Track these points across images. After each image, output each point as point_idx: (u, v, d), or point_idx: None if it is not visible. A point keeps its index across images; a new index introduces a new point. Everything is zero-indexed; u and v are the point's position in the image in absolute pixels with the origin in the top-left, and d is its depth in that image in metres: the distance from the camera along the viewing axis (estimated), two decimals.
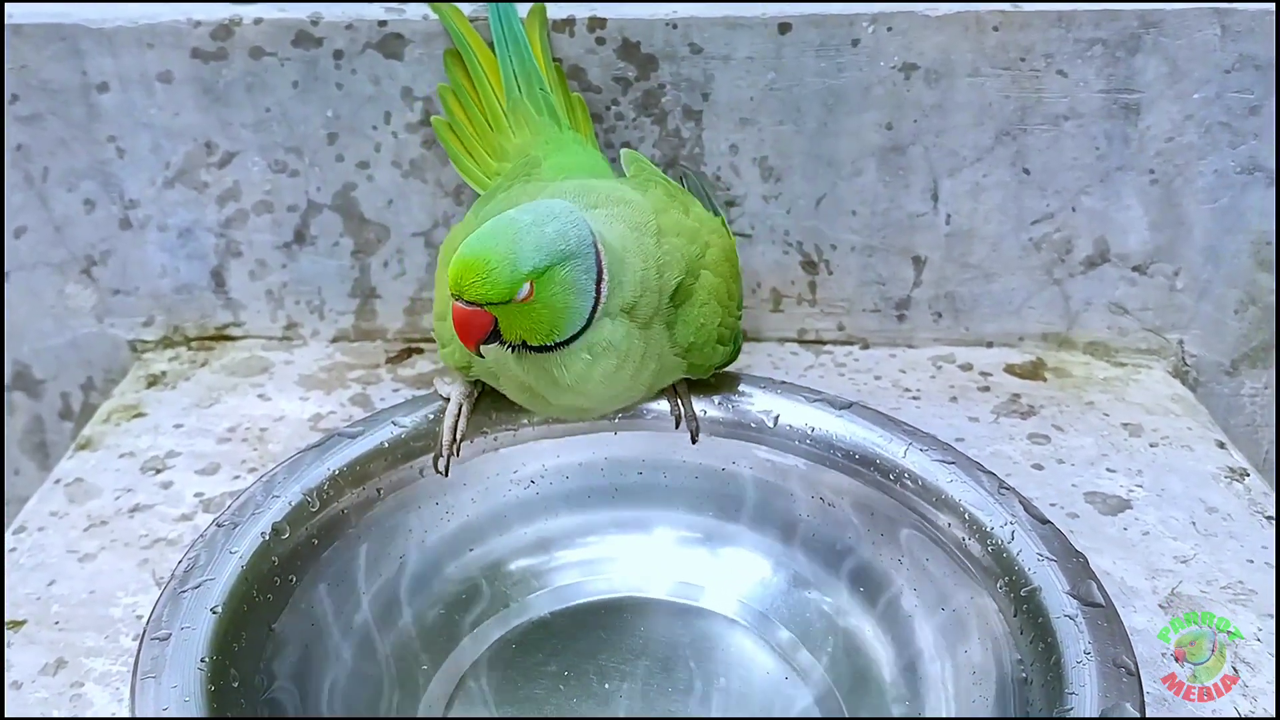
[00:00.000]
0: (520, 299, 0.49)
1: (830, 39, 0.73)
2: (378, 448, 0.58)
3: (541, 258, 0.48)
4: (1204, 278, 0.79)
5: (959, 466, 0.56)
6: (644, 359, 0.55)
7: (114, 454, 0.72)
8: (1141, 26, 0.72)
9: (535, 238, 0.49)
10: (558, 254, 0.49)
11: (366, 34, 0.73)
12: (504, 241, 0.48)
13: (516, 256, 0.48)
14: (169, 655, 0.46)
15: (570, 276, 0.50)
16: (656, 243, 0.55)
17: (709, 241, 0.59)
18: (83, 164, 0.77)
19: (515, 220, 0.50)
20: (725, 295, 0.58)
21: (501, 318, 0.49)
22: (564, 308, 0.50)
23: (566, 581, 0.62)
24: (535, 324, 0.50)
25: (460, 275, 0.48)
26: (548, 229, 0.49)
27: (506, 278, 0.48)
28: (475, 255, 0.48)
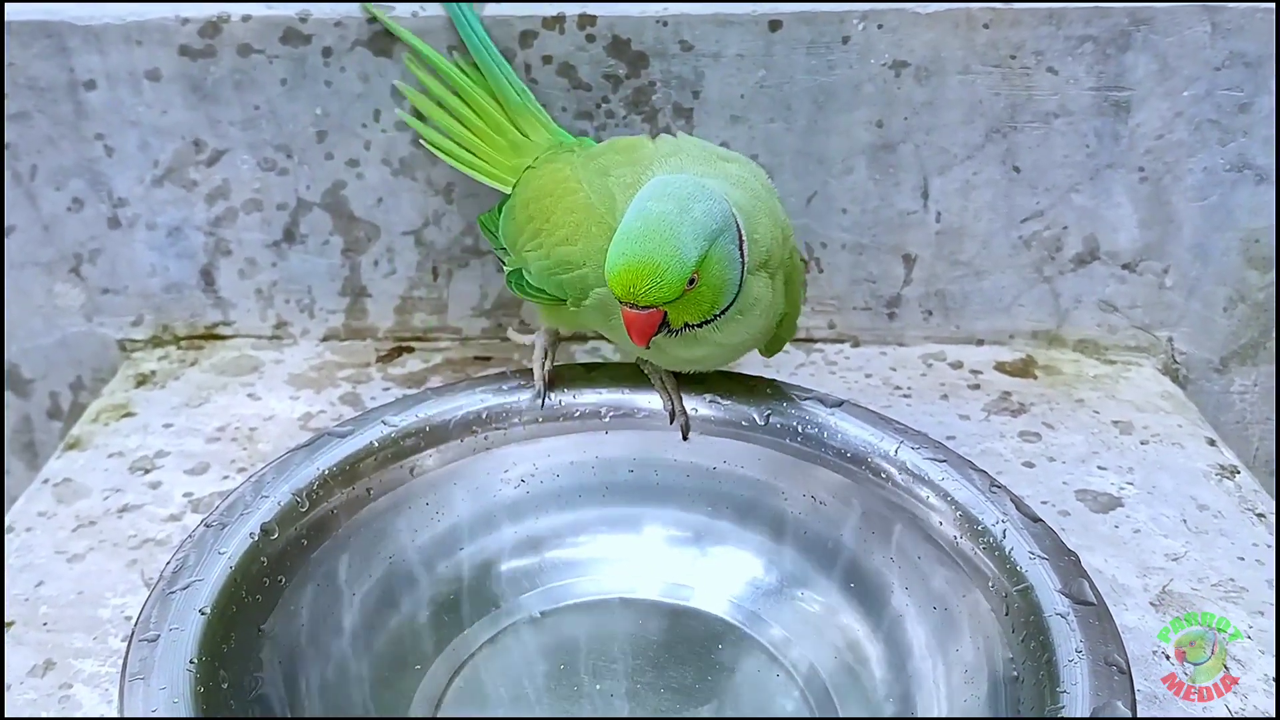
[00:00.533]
0: (689, 289, 0.49)
1: (821, 36, 0.73)
2: (368, 447, 0.58)
3: (701, 245, 0.49)
4: (1193, 275, 0.79)
5: (950, 465, 0.56)
6: (773, 306, 0.56)
7: (103, 454, 0.72)
8: (1132, 24, 0.72)
9: (690, 226, 0.49)
10: (711, 235, 0.50)
11: (356, 31, 0.73)
12: (665, 240, 0.49)
13: (681, 252, 0.49)
14: (158, 657, 0.46)
15: (724, 252, 0.50)
16: (772, 210, 0.56)
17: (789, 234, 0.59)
18: (70, 162, 0.77)
19: (664, 213, 0.49)
20: (803, 272, 0.61)
21: (671, 311, 0.50)
22: (723, 283, 0.51)
23: (557, 581, 0.61)
24: (700, 304, 0.51)
25: (633, 283, 0.49)
26: (695, 212, 0.50)
27: (678, 276, 0.49)
28: (642, 261, 0.49)
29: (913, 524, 0.55)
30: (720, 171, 0.57)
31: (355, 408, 0.75)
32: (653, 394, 0.61)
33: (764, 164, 0.76)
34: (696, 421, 0.61)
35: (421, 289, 0.81)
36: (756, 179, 0.58)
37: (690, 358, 0.57)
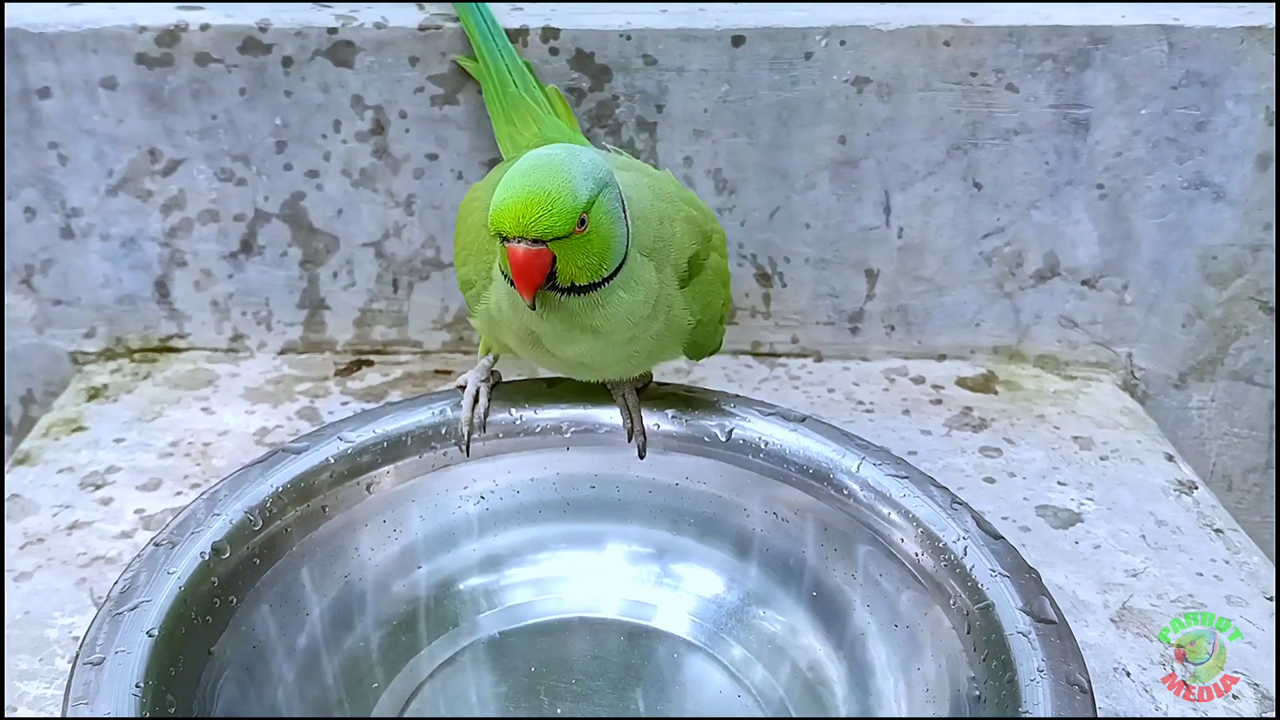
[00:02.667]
0: (579, 230, 0.48)
1: (783, 52, 0.73)
2: (323, 463, 0.57)
3: (592, 185, 0.48)
4: (1152, 292, 0.79)
5: (912, 481, 0.56)
6: (660, 305, 0.54)
7: (52, 469, 0.70)
8: (1091, 43, 0.72)
9: (579, 168, 0.48)
10: (600, 181, 0.49)
11: (316, 41, 0.72)
12: (555, 174, 0.48)
13: (573, 185, 0.48)
14: (103, 681, 0.45)
15: (611, 204, 0.50)
16: (674, 208, 0.56)
17: (713, 228, 0.60)
18: (23, 171, 0.75)
19: (552, 156, 0.49)
20: (727, 278, 0.60)
21: (560, 255, 0.48)
22: (611, 236, 0.50)
23: (517, 600, 0.61)
24: (589, 257, 0.49)
25: (522, 213, 0.47)
26: (583, 159, 0.49)
27: (570, 205, 0.47)
28: (532, 190, 0.47)
29: (874, 541, 0.55)
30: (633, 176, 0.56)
31: (313, 422, 0.74)
32: (614, 409, 0.61)
33: (727, 179, 0.76)
34: (658, 437, 0.61)
35: (381, 301, 0.81)
36: (668, 184, 0.59)
37: (576, 353, 0.54)
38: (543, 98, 0.69)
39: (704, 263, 0.57)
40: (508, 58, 0.69)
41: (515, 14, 0.73)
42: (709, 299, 0.57)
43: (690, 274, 0.56)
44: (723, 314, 0.60)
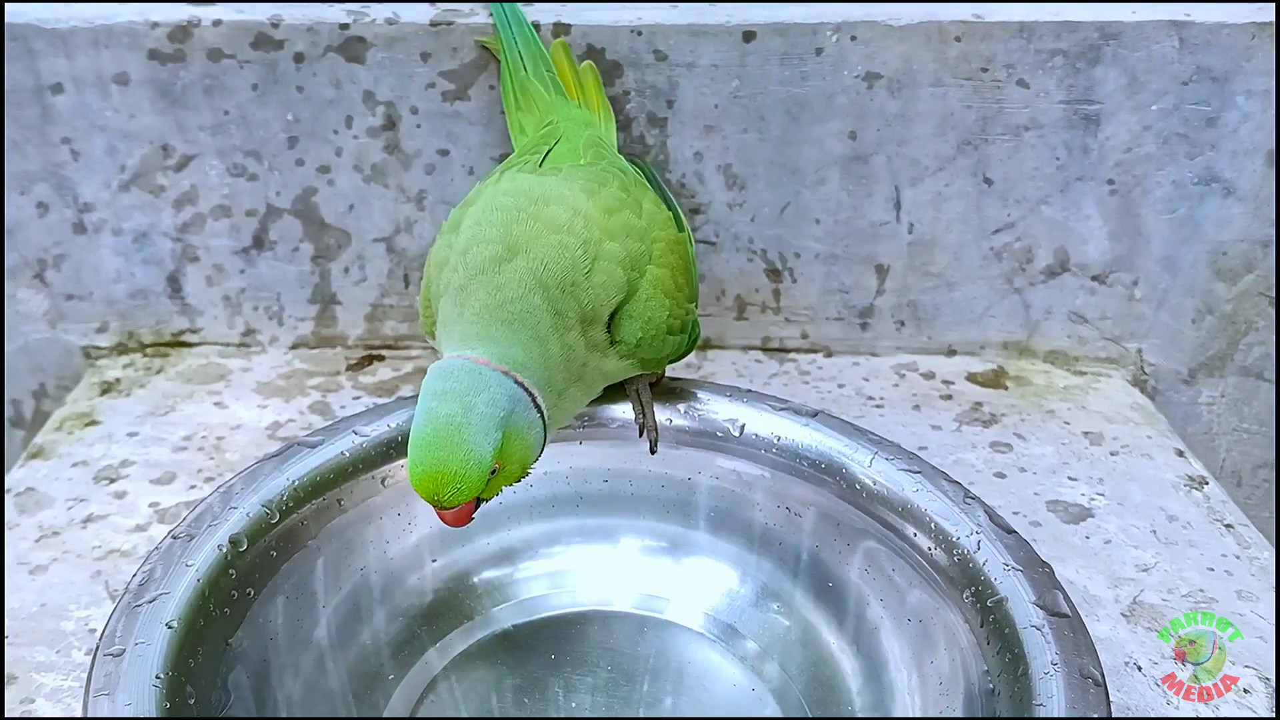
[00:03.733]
0: (493, 477, 0.49)
1: (794, 47, 0.73)
2: (338, 457, 0.57)
3: (494, 438, 0.48)
4: (1162, 287, 0.79)
5: (924, 476, 0.56)
6: (590, 390, 0.57)
7: (66, 463, 0.71)
8: (1101, 38, 0.72)
9: (477, 422, 0.48)
10: (501, 422, 0.49)
11: (328, 37, 0.72)
12: (454, 445, 0.48)
13: (475, 453, 0.48)
14: (123, 672, 0.45)
15: (520, 425, 0.50)
16: (587, 278, 0.54)
17: (656, 237, 0.59)
18: (36, 166, 0.75)
19: (450, 416, 0.48)
20: (672, 286, 0.58)
21: (484, 493, 0.50)
22: (527, 452, 0.51)
23: (530, 593, 0.61)
24: (510, 478, 0.51)
25: (435, 491, 0.48)
26: (479, 406, 0.48)
27: (477, 477, 0.48)
28: (438, 470, 0.48)
29: (887, 536, 0.55)
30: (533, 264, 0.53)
31: (325, 417, 0.74)
32: (626, 404, 0.61)
33: (737, 174, 0.76)
34: (670, 432, 0.61)
35: (392, 296, 0.81)
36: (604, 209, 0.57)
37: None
38: (552, 81, 0.70)
39: (637, 282, 0.56)
40: (521, 41, 0.70)
41: (527, 9, 0.73)
42: (649, 315, 0.56)
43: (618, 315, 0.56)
44: (672, 323, 0.58)
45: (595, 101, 0.71)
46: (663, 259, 0.58)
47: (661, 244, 0.59)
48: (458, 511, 0.50)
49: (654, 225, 0.59)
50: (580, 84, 0.71)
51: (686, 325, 0.59)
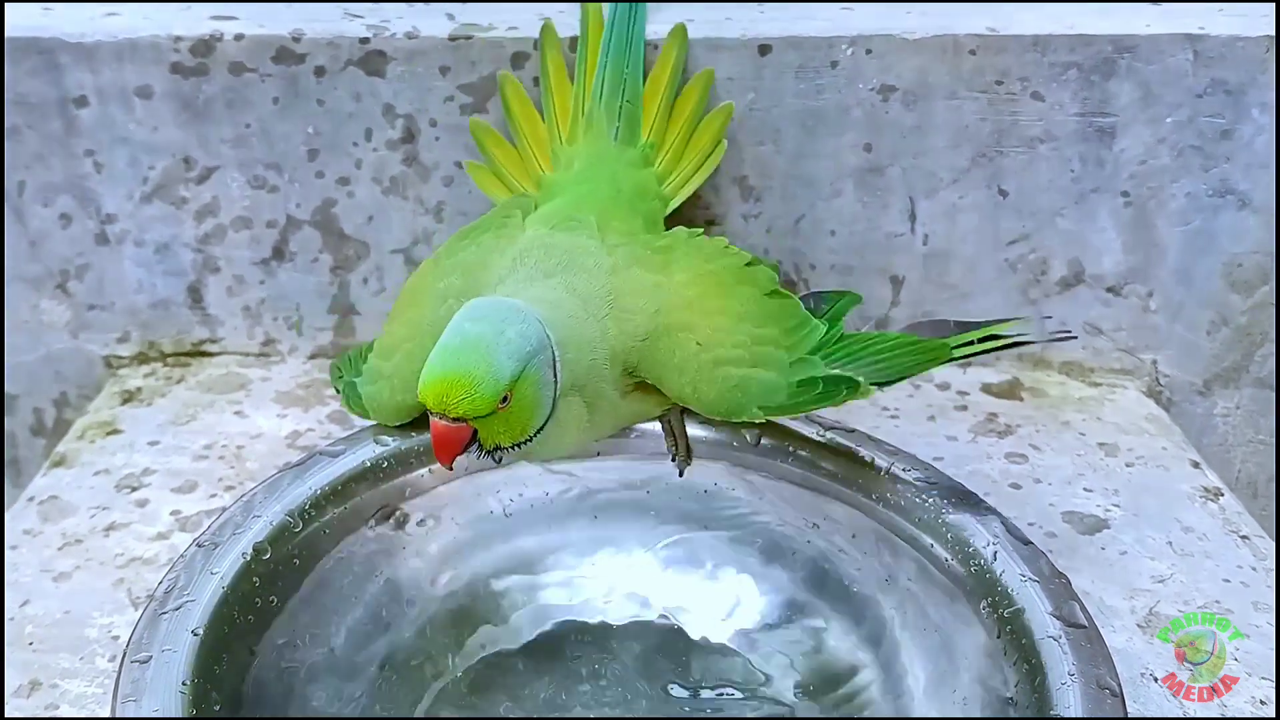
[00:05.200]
0: (501, 408, 0.49)
1: (809, 61, 0.73)
2: (359, 466, 0.58)
3: (516, 364, 0.48)
4: (1177, 299, 0.80)
5: (940, 487, 0.56)
6: (593, 425, 0.55)
7: (88, 471, 0.71)
8: (1115, 51, 0.73)
9: (505, 345, 0.48)
10: (526, 355, 0.49)
11: (348, 51, 0.73)
12: (479, 354, 0.48)
13: (496, 367, 0.48)
14: (149, 678, 0.46)
15: (539, 374, 0.50)
16: (609, 313, 0.54)
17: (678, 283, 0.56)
18: (59, 178, 0.76)
19: (479, 332, 0.49)
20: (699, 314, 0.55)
21: (482, 429, 0.49)
22: (536, 405, 0.50)
23: (549, 603, 0.61)
24: (511, 427, 0.50)
25: (444, 394, 0.48)
26: (510, 333, 0.49)
27: (491, 390, 0.48)
28: (455, 372, 0.48)
29: (904, 546, 0.55)
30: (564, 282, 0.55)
31: (343, 426, 0.75)
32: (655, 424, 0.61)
33: (753, 186, 0.77)
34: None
35: None
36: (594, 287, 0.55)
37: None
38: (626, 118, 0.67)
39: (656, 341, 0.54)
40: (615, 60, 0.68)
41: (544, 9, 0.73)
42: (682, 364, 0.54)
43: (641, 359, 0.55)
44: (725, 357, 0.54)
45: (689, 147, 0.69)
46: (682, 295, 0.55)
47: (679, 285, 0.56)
48: (455, 430, 0.48)
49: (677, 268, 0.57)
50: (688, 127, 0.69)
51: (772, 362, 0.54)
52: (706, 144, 0.71)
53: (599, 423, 0.56)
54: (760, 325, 0.55)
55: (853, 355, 0.57)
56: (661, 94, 0.70)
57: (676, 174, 0.69)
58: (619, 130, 0.67)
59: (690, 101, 0.71)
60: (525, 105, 0.71)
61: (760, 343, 0.55)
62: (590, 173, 0.66)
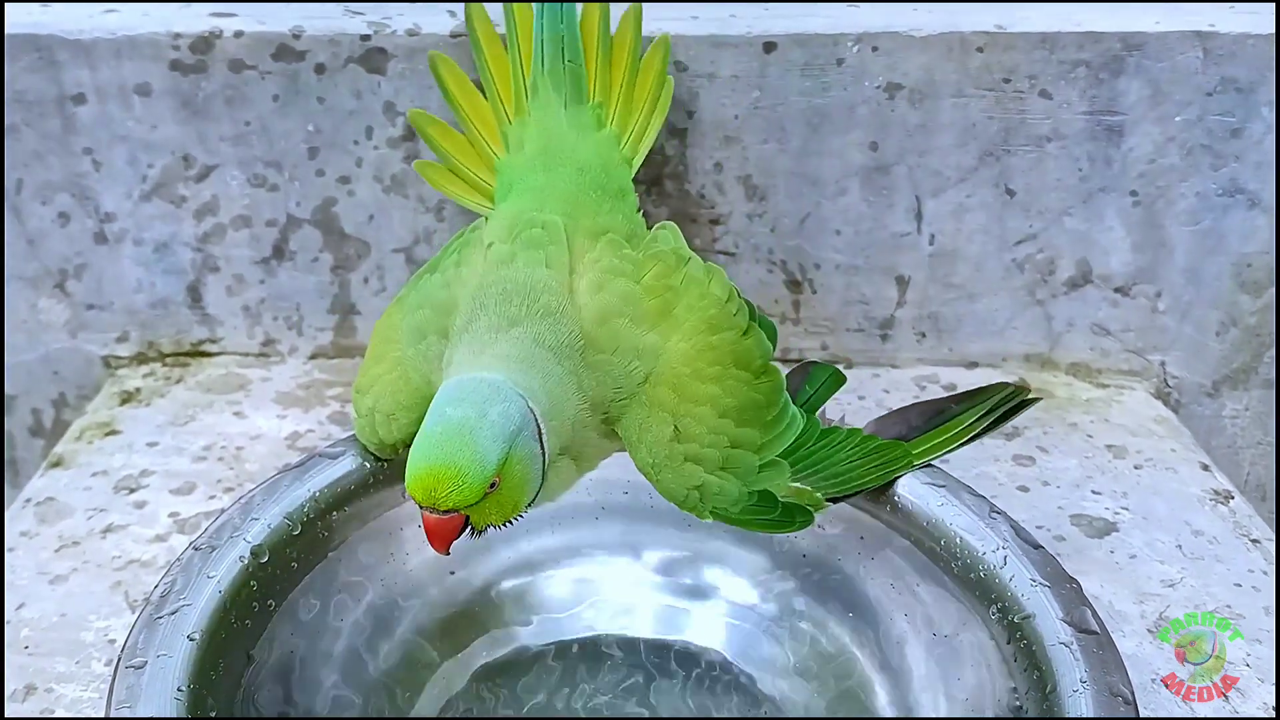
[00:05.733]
0: (490, 493, 0.48)
1: (815, 59, 0.73)
2: (359, 468, 0.57)
3: (502, 448, 0.47)
4: (1185, 299, 0.79)
5: (948, 490, 0.55)
6: (584, 469, 0.54)
7: (86, 472, 0.71)
8: (1124, 49, 0.72)
9: (489, 429, 0.47)
10: (510, 435, 0.48)
11: (349, 48, 0.72)
12: (463, 444, 0.47)
13: (481, 455, 0.47)
14: (144, 684, 0.45)
15: (525, 451, 0.48)
16: (582, 363, 0.52)
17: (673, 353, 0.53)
18: (58, 177, 0.76)
19: (463, 418, 0.48)
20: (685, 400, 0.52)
21: (473, 515, 0.48)
22: (525, 482, 0.49)
23: (551, 606, 0.61)
24: (502, 507, 0.49)
25: (433, 488, 0.47)
26: (492, 414, 0.48)
27: (479, 480, 0.47)
28: (441, 465, 0.47)
29: (912, 550, 0.55)
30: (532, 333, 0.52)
31: (344, 427, 0.74)
32: None
33: (757, 185, 0.76)
34: None
35: None
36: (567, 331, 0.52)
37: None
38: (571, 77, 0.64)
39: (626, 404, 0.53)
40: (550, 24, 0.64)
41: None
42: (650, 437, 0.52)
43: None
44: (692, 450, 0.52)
45: (641, 95, 0.66)
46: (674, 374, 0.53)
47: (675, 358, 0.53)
48: (447, 521, 0.48)
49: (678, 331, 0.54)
50: (631, 76, 0.66)
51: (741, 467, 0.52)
52: (653, 86, 0.67)
53: (586, 468, 0.55)
54: (740, 424, 0.53)
55: (816, 464, 0.55)
56: (597, 45, 0.65)
57: (632, 129, 0.66)
58: (566, 95, 0.64)
59: (626, 44, 0.66)
60: (464, 84, 0.68)
61: (735, 444, 0.53)
62: (548, 156, 0.62)
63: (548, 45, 0.64)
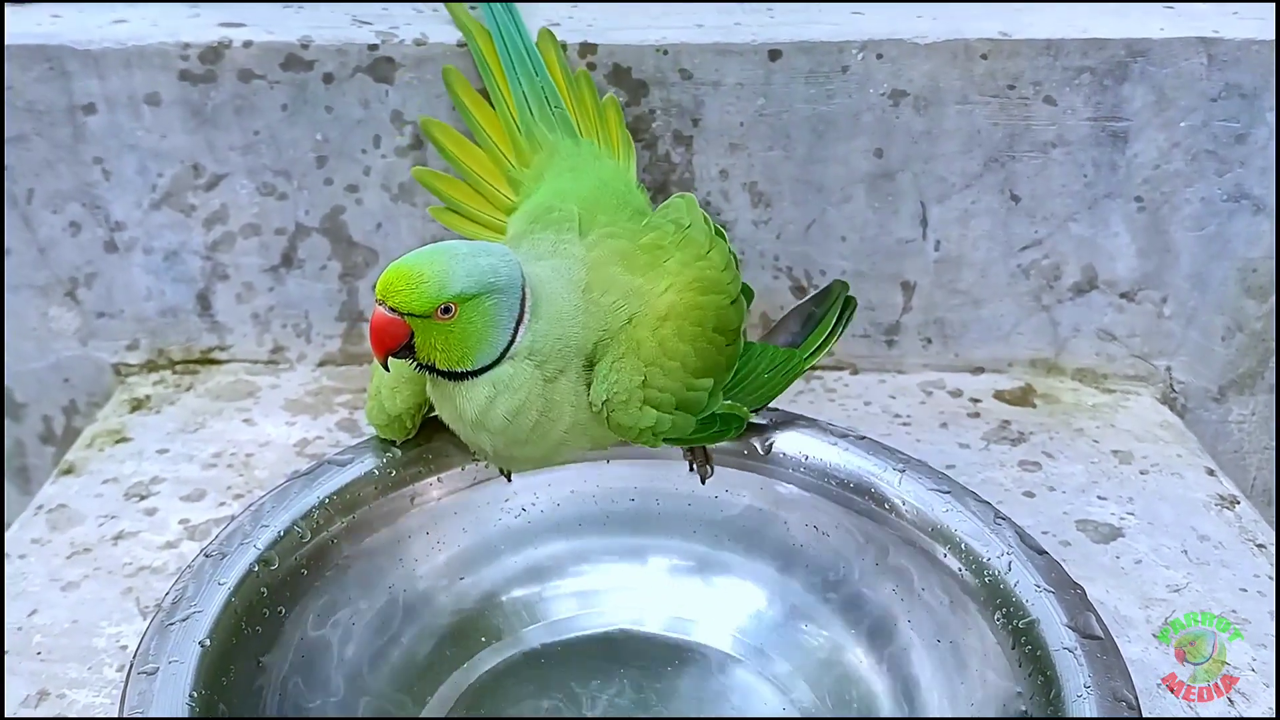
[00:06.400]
0: (441, 317, 0.49)
1: (820, 66, 0.73)
2: (368, 475, 0.57)
3: (470, 284, 0.49)
4: (1191, 305, 0.79)
5: (953, 496, 0.55)
6: (548, 411, 0.53)
7: (97, 479, 0.71)
8: (1129, 55, 0.72)
9: (469, 265, 0.50)
10: (486, 285, 0.50)
11: (357, 58, 0.73)
12: (439, 261, 0.50)
13: (448, 275, 0.49)
14: (156, 690, 0.45)
15: (493, 310, 0.50)
16: (583, 298, 0.54)
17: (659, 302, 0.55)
18: (68, 186, 0.76)
19: (454, 247, 0.51)
20: (660, 354, 0.54)
21: (419, 332, 0.50)
22: (479, 338, 0.50)
23: (559, 612, 0.61)
24: (448, 346, 0.50)
25: (390, 282, 0.49)
26: (481, 260, 0.50)
27: (433, 292, 0.49)
28: (408, 266, 0.49)
29: (917, 556, 0.55)
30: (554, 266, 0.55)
31: (353, 434, 0.74)
32: None
33: (763, 192, 0.76)
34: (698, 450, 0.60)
35: None
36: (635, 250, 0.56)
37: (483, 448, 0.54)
38: (560, 120, 0.67)
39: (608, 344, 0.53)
40: (526, 79, 0.68)
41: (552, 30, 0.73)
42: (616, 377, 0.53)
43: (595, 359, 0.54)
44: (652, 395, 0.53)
45: (615, 135, 0.69)
46: (661, 324, 0.54)
47: (663, 307, 0.55)
48: (390, 322, 0.49)
49: (659, 287, 0.55)
50: (601, 117, 0.69)
51: (685, 405, 0.55)
52: (622, 141, 0.70)
53: (556, 413, 0.53)
54: (701, 377, 0.55)
55: (742, 383, 0.59)
56: (568, 95, 0.69)
57: (623, 156, 0.69)
58: (562, 136, 0.67)
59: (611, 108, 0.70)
60: (462, 144, 0.70)
61: (693, 390, 0.55)
62: (567, 167, 0.65)
63: (529, 95, 0.68)
